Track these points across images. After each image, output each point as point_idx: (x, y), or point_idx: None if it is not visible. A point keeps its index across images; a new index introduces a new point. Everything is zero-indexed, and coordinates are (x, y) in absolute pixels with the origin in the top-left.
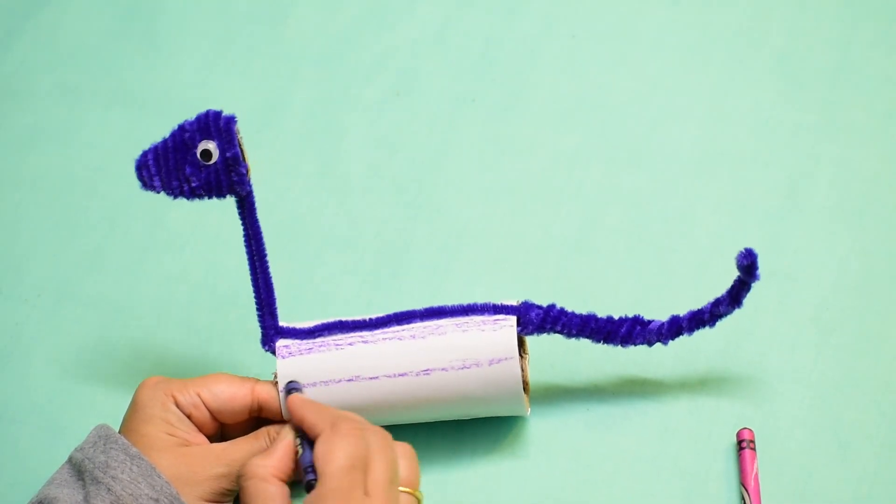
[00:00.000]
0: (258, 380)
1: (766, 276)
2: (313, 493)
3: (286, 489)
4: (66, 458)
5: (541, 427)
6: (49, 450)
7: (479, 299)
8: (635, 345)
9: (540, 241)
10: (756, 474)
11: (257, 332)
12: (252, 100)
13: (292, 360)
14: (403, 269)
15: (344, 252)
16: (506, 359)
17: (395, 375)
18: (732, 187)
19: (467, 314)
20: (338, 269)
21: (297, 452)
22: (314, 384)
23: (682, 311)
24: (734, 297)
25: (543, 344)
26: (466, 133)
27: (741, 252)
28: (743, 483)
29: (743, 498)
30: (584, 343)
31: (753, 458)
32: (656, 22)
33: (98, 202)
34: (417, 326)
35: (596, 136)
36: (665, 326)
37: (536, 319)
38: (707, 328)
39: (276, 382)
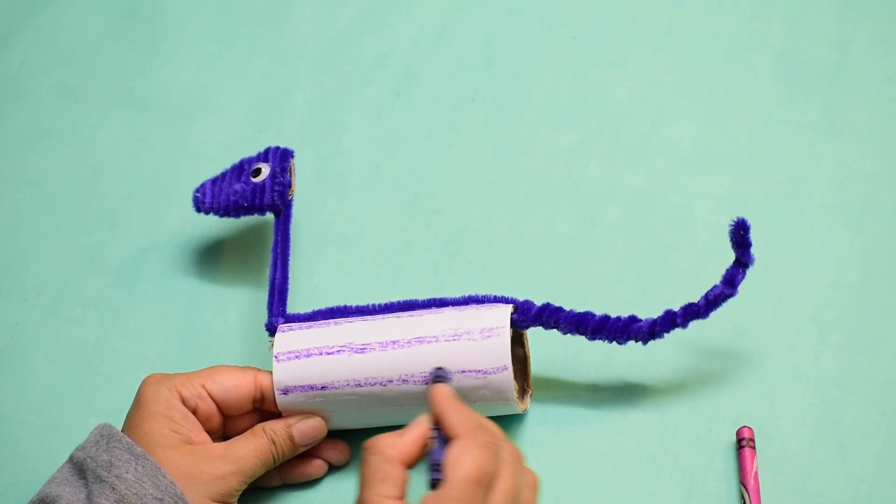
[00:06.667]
0: (259, 369)
1: (766, 274)
2: (433, 494)
3: (406, 475)
4: (66, 457)
5: (541, 426)
6: (49, 449)
7: None
8: (631, 338)
9: (540, 239)
10: (756, 473)
11: (257, 332)
12: (252, 100)
13: (291, 334)
14: (403, 268)
15: (343, 251)
16: (497, 328)
17: (386, 343)
18: (732, 186)
19: (468, 304)
20: (337, 269)
21: (427, 444)
22: (308, 351)
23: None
24: (729, 280)
25: (544, 345)
26: (466, 133)
27: (733, 221)
28: (742, 482)
29: (742, 496)
30: (585, 344)
31: (753, 456)
32: (656, 22)
33: (98, 202)
34: (418, 311)
35: (596, 135)
36: (659, 320)
37: (534, 310)
38: (701, 319)
39: (271, 350)
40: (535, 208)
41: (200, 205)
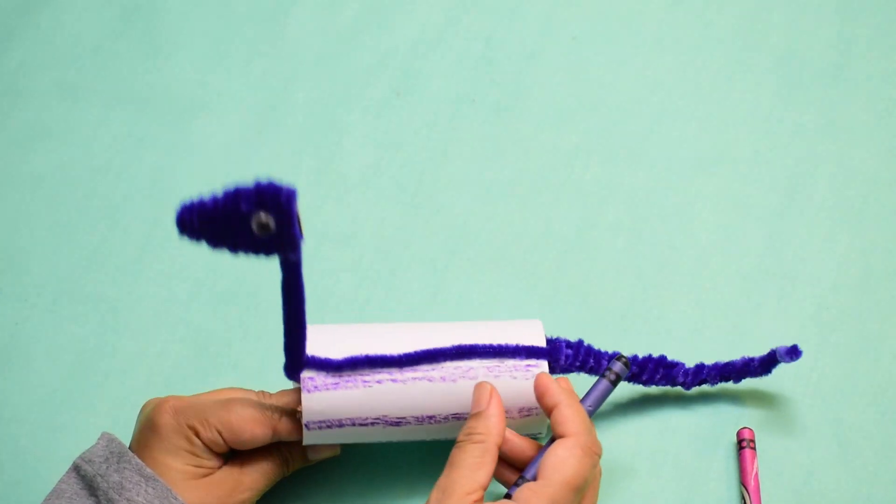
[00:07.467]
0: (281, 412)
1: (766, 275)
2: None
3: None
4: (65, 458)
5: None
6: (49, 449)
7: (478, 298)
8: (657, 385)
9: (539, 240)
10: (756, 474)
11: (257, 330)
12: (252, 100)
13: (318, 395)
14: (402, 267)
15: (343, 249)
16: (536, 408)
17: (423, 418)
18: (732, 187)
19: (498, 356)
20: (337, 267)
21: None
22: (340, 421)
23: (680, 311)
24: (765, 366)
25: None
26: (466, 133)
27: (789, 348)
28: (743, 482)
29: (743, 497)
30: (586, 342)
31: (753, 457)
32: (656, 22)
33: (98, 202)
34: (448, 367)
35: (596, 135)
36: (691, 373)
37: (565, 363)
38: (732, 383)
39: (300, 418)
40: (535, 208)
41: (188, 232)
